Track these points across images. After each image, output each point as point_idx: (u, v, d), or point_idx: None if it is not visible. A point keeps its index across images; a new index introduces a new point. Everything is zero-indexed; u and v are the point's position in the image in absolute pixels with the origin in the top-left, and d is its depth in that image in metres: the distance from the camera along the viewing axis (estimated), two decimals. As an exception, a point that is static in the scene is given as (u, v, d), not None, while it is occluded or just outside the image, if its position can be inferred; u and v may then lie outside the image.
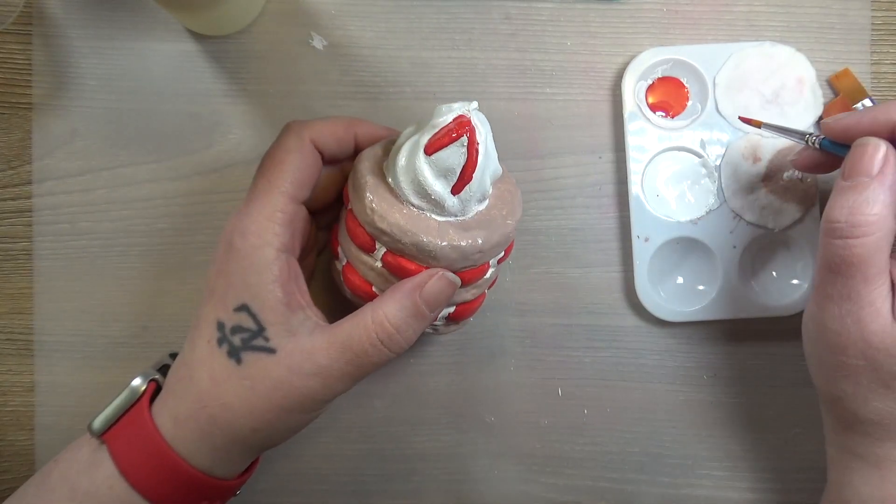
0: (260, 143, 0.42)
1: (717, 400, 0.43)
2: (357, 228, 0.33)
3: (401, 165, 0.32)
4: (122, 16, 0.42)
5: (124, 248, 0.43)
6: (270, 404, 0.32)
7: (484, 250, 0.33)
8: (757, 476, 0.44)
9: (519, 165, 0.43)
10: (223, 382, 0.33)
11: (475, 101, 0.32)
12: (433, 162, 0.31)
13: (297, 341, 0.32)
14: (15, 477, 0.43)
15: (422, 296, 0.32)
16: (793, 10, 0.43)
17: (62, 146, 0.42)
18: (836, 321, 0.32)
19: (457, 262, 0.33)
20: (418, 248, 0.32)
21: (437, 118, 0.31)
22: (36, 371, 0.43)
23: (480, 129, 0.31)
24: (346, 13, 0.43)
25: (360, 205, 0.33)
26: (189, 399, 0.33)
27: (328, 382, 0.32)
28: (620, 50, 0.43)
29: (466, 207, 0.33)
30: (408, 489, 0.43)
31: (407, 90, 0.43)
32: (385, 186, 0.33)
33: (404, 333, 0.33)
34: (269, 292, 0.33)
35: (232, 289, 0.33)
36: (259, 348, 0.32)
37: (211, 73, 0.42)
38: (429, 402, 0.43)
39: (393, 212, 0.32)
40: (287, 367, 0.32)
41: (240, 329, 0.33)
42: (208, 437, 0.33)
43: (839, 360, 0.33)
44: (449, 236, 0.32)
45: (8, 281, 0.43)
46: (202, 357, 0.33)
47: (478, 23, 0.43)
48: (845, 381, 0.33)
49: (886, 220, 0.31)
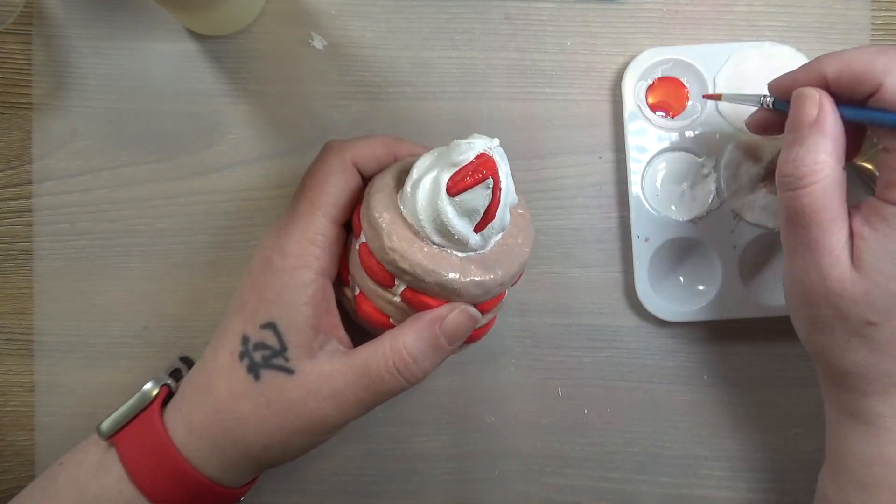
0: (260, 143, 0.42)
1: (717, 400, 0.43)
2: (375, 265, 0.32)
3: (422, 205, 0.31)
4: (122, 16, 0.42)
5: (124, 248, 0.43)
6: (283, 424, 0.32)
7: (504, 283, 0.33)
8: (757, 476, 0.44)
9: (519, 165, 0.43)
10: (240, 397, 0.33)
11: (496, 139, 0.31)
12: (457, 203, 0.30)
13: (316, 364, 0.33)
14: (15, 477, 0.43)
15: (442, 329, 0.32)
16: (793, 10, 0.43)
17: (62, 146, 0.42)
18: (802, 272, 0.33)
19: (479, 297, 0.32)
20: (441, 287, 0.31)
21: (458, 156, 0.30)
22: (36, 371, 0.43)
23: (503, 167, 0.31)
24: (346, 13, 0.43)
25: (377, 242, 0.32)
26: (205, 408, 0.33)
27: (343, 407, 0.32)
28: (620, 50, 0.43)
29: (488, 242, 0.33)
30: (408, 489, 0.43)
31: (407, 90, 0.43)
32: (402, 222, 0.32)
33: (421, 364, 0.32)
34: (300, 314, 0.33)
35: (263, 305, 0.33)
36: (278, 367, 0.33)
37: (211, 73, 0.42)
38: (429, 402, 0.43)
39: (414, 251, 0.31)
40: (304, 388, 0.32)
41: (262, 346, 0.33)
42: (220, 448, 0.33)
43: (813, 313, 0.33)
44: (472, 272, 0.31)
45: (8, 281, 0.43)
46: (223, 368, 0.34)
47: (478, 23, 0.43)
48: (823, 335, 0.33)
49: (830, 167, 0.31)
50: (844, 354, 0.33)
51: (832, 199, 0.32)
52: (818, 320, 0.33)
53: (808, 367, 0.43)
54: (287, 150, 0.43)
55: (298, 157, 0.42)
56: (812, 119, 0.32)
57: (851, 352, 0.32)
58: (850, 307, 0.31)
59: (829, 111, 0.32)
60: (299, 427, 0.33)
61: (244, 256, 0.43)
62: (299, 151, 0.42)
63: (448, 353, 0.33)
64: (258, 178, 0.42)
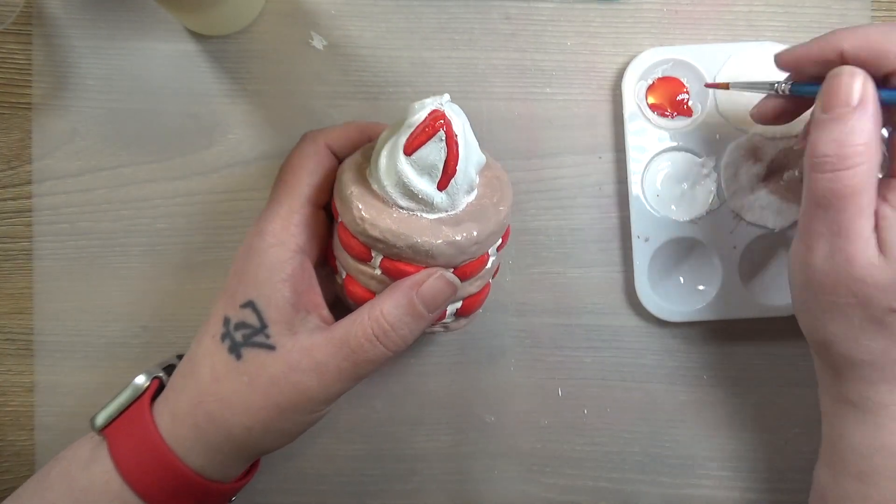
0: (260, 143, 0.42)
1: (717, 400, 0.43)
2: (350, 240, 0.33)
3: (383, 170, 0.32)
4: (122, 16, 0.42)
5: (124, 248, 0.43)
6: (266, 401, 0.32)
7: (480, 241, 0.32)
8: (757, 476, 0.43)
9: (519, 165, 0.43)
10: (222, 378, 0.33)
11: (447, 94, 0.31)
12: (414, 161, 0.31)
13: (297, 339, 0.33)
14: (15, 477, 0.43)
15: (419, 294, 0.32)
16: (793, 10, 0.43)
17: (62, 146, 0.42)
18: (825, 260, 0.31)
19: (455, 257, 0.32)
20: (414, 250, 0.31)
21: (412, 117, 0.31)
22: (36, 371, 0.43)
23: (456, 120, 0.31)
24: (346, 13, 0.43)
25: (349, 216, 0.32)
26: (189, 394, 0.33)
27: (325, 380, 0.32)
28: (620, 50, 0.43)
29: (455, 201, 0.33)
30: (408, 489, 0.43)
31: (407, 90, 0.43)
32: (371, 193, 0.32)
33: (399, 331, 0.32)
34: (277, 291, 0.33)
35: (242, 286, 0.34)
36: (259, 345, 0.33)
37: (211, 73, 0.42)
38: (429, 402, 0.43)
39: (383, 217, 0.31)
40: (285, 363, 0.32)
41: (243, 325, 0.33)
42: (203, 434, 0.33)
43: (829, 300, 0.32)
44: (443, 233, 0.32)
45: (8, 281, 0.43)
46: (205, 352, 0.34)
47: (478, 23, 0.43)
48: (835, 323, 0.32)
49: (873, 150, 0.30)
50: (859, 342, 0.32)
51: (873, 182, 0.31)
52: (835, 308, 0.32)
53: (807, 367, 0.43)
54: (287, 150, 0.42)
55: (298, 157, 0.42)
56: (856, 98, 0.30)
57: (867, 339, 0.32)
58: (875, 294, 0.31)
59: (872, 91, 0.31)
60: (283, 404, 0.32)
61: (244, 256, 0.43)
62: (299, 151, 0.42)
63: (428, 320, 0.33)
64: (258, 178, 0.42)
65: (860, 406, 0.33)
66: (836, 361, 0.33)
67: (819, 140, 0.31)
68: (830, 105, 0.31)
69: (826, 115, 0.31)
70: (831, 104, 0.31)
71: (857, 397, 0.33)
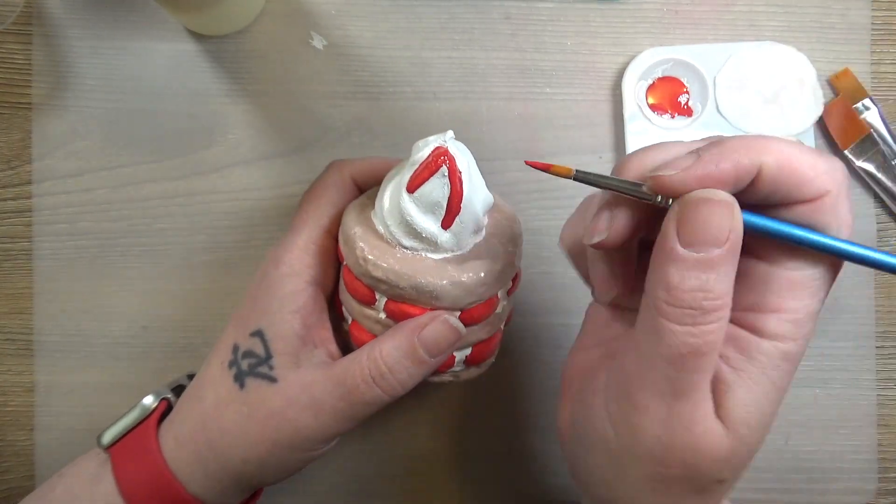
0: (260, 143, 0.42)
1: (718, 400, 0.43)
2: (354, 282, 0.32)
3: (386, 209, 0.31)
4: (122, 16, 0.42)
5: (124, 248, 0.43)
6: (263, 435, 0.32)
7: (488, 282, 0.31)
8: (757, 476, 0.43)
9: (519, 165, 0.43)
10: (225, 406, 0.32)
11: (450, 131, 0.31)
12: (417, 199, 0.30)
13: (299, 374, 0.32)
14: (15, 477, 0.43)
15: (420, 338, 0.31)
16: (793, 10, 0.43)
17: (62, 146, 0.42)
18: (661, 425, 0.25)
19: (461, 298, 0.31)
20: (418, 291, 0.30)
21: (415, 155, 0.30)
22: (36, 371, 0.43)
23: (460, 157, 0.30)
24: (346, 13, 0.43)
25: (352, 257, 0.31)
26: (193, 419, 0.33)
27: (319, 417, 0.31)
28: (620, 50, 0.43)
29: (462, 241, 0.31)
30: (408, 489, 0.43)
31: (407, 90, 0.43)
32: (375, 234, 0.32)
33: (398, 374, 0.31)
34: (286, 322, 0.32)
35: (254, 314, 0.33)
36: (262, 376, 0.32)
37: (211, 73, 0.42)
38: (429, 402, 0.43)
39: (386, 257, 0.30)
40: (285, 397, 0.32)
41: (250, 354, 0.32)
42: (202, 461, 0.32)
43: (654, 471, 0.25)
44: (448, 273, 0.30)
45: (8, 281, 0.43)
46: (213, 378, 0.33)
47: (478, 23, 0.43)
48: (654, 494, 0.26)
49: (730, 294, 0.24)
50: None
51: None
52: (657, 480, 0.26)
53: (807, 368, 0.43)
54: (287, 150, 0.43)
55: (298, 157, 0.42)
56: (726, 236, 0.23)
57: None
58: (710, 466, 0.25)
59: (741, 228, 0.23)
60: (278, 440, 0.32)
61: (244, 256, 0.43)
62: (299, 151, 0.42)
63: (429, 365, 0.32)
64: (258, 178, 0.42)
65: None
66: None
67: (679, 284, 0.23)
68: (695, 241, 0.23)
69: (687, 251, 0.23)
70: (696, 240, 0.23)
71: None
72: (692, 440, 0.24)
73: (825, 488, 0.43)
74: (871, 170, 0.42)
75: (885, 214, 0.43)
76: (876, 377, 0.43)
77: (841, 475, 0.43)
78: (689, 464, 0.25)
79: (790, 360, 0.25)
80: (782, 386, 0.26)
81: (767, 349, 0.25)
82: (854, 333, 0.43)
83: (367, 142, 0.42)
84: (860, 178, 0.43)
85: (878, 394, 0.43)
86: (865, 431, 0.43)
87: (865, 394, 0.43)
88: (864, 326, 0.43)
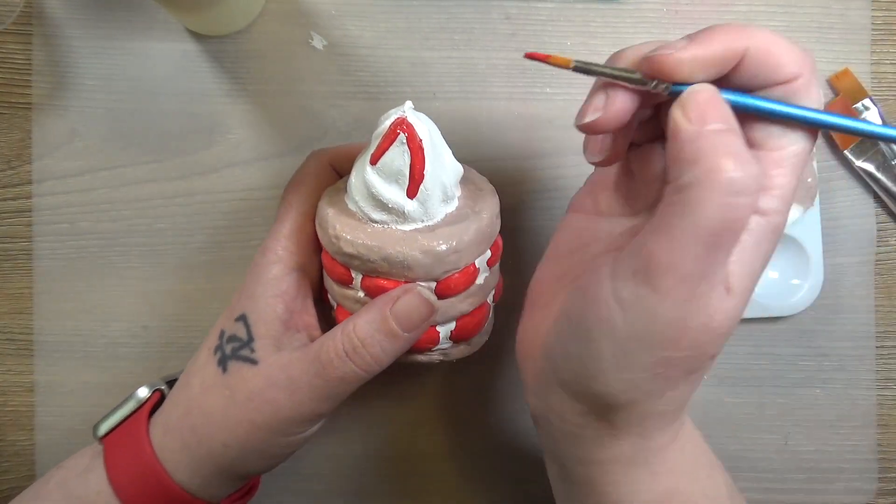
0: (260, 143, 0.42)
1: (717, 400, 0.43)
2: (331, 263, 0.33)
3: (353, 185, 0.32)
4: (122, 16, 0.42)
5: (124, 248, 0.43)
6: (242, 417, 0.32)
7: (459, 249, 0.31)
8: (757, 476, 0.43)
9: (519, 165, 0.43)
10: (209, 390, 0.33)
11: (409, 101, 0.31)
12: (380, 170, 0.30)
13: (280, 355, 0.32)
14: (15, 477, 0.43)
15: (392, 311, 0.31)
16: (793, 10, 0.43)
17: (62, 146, 0.42)
18: (678, 308, 0.25)
19: (434, 267, 0.31)
20: (389, 262, 0.31)
21: (378, 129, 0.31)
22: (36, 371, 0.43)
23: (420, 125, 0.30)
24: (346, 13, 0.43)
25: (326, 237, 0.32)
26: (180, 406, 0.33)
27: (296, 396, 0.32)
28: (620, 50, 0.43)
29: (430, 210, 0.31)
30: (408, 489, 0.43)
31: (407, 90, 0.43)
32: (347, 213, 0.32)
33: (371, 348, 0.31)
34: (269, 306, 0.33)
35: (239, 300, 0.34)
36: (244, 358, 0.32)
37: (211, 73, 0.42)
38: (429, 402, 0.43)
39: (357, 233, 0.31)
40: (264, 378, 0.32)
41: (234, 338, 0.33)
42: (188, 448, 0.33)
43: (663, 356, 0.25)
44: (418, 243, 0.31)
45: (8, 281, 0.43)
46: (199, 364, 0.34)
47: (478, 23, 0.43)
48: (654, 381, 0.26)
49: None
50: (664, 396, 0.27)
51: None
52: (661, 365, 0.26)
53: (808, 368, 0.43)
54: (287, 150, 0.43)
55: (298, 157, 0.42)
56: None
57: (673, 389, 0.27)
58: (715, 342, 0.26)
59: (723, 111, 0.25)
60: (256, 420, 0.32)
61: (243, 256, 0.43)
62: (299, 151, 0.42)
63: (404, 339, 0.31)
64: (258, 178, 0.42)
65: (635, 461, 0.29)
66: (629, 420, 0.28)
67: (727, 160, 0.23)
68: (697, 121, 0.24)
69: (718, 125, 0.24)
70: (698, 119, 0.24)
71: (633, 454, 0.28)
72: (706, 320, 0.25)
73: (825, 488, 0.43)
74: (871, 170, 0.42)
75: (885, 214, 0.43)
76: (875, 377, 0.43)
77: (841, 475, 0.43)
78: (699, 343, 0.25)
79: (776, 233, 0.26)
80: (769, 257, 0.27)
81: (760, 223, 0.26)
82: (854, 333, 0.43)
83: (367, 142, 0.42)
84: (860, 178, 0.43)
85: (878, 394, 0.43)
86: (865, 431, 0.43)
87: (865, 394, 0.43)
88: (863, 326, 0.43)
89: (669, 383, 0.27)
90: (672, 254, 0.24)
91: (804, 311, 0.42)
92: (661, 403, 0.27)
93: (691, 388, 0.28)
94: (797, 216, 0.41)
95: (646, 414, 0.27)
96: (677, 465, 0.29)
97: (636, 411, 0.27)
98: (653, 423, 0.28)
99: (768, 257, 0.26)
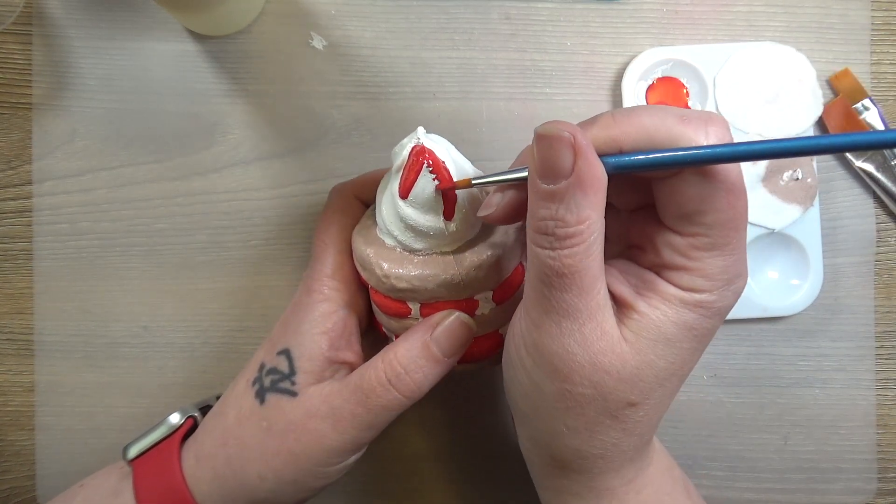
0: (260, 143, 0.42)
1: (717, 400, 0.43)
2: (384, 301, 0.33)
3: (388, 221, 0.31)
4: (122, 16, 0.42)
5: (124, 248, 0.43)
6: (281, 447, 0.32)
7: (507, 255, 0.32)
8: (757, 476, 0.44)
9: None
10: (245, 421, 0.33)
11: (420, 127, 0.31)
12: (413, 202, 0.30)
13: (319, 387, 0.32)
14: (15, 477, 0.43)
15: (434, 337, 0.31)
16: (793, 10, 0.43)
17: (62, 146, 0.42)
18: (556, 341, 0.26)
19: (489, 279, 0.32)
20: (448, 287, 0.31)
21: (396, 161, 0.31)
22: (36, 371, 0.43)
23: (438, 148, 0.30)
24: (346, 13, 0.43)
25: (374, 277, 0.32)
26: (215, 435, 0.33)
27: (339, 425, 0.32)
28: (620, 50, 0.43)
29: (469, 224, 0.32)
30: (408, 489, 0.43)
31: (407, 90, 0.43)
32: (387, 249, 0.32)
33: (413, 374, 0.31)
34: (314, 341, 0.33)
35: (283, 335, 0.34)
36: (283, 390, 0.32)
37: (211, 73, 0.42)
38: (429, 402, 0.43)
39: (406, 267, 0.31)
40: (304, 409, 0.32)
41: (274, 371, 0.33)
42: (219, 479, 0.33)
43: (562, 388, 0.27)
44: (468, 260, 0.31)
45: (8, 281, 0.43)
46: (236, 395, 0.34)
47: (478, 23, 0.43)
48: (568, 414, 0.27)
49: (596, 225, 0.25)
50: (593, 437, 0.28)
51: (596, 259, 0.26)
52: (567, 398, 0.27)
53: (807, 368, 0.43)
54: (287, 150, 0.43)
55: (298, 157, 0.42)
56: (569, 169, 0.25)
57: (602, 433, 0.28)
58: (616, 385, 0.27)
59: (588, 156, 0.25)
60: (296, 450, 0.32)
61: (244, 256, 0.43)
62: (299, 151, 0.42)
63: (444, 364, 0.32)
64: (258, 178, 0.42)
65: (583, 496, 0.30)
66: (562, 454, 0.29)
67: (535, 213, 0.26)
68: (545, 174, 0.25)
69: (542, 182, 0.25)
70: (545, 173, 0.25)
71: (580, 489, 0.30)
72: (591, 357, 0.26)
73: (825, 488, 0.43)
74: (870, 170, 0.42)
75: (884, 214, 0.43)
76: (875, 377, 0.43)
77: (840, 475, 0.43)
78: (594, 381, 0.26)
79: (706, 307, 0.27)
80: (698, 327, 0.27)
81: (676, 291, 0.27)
82: (853, 333, 0.43)
83: (367, 142, 0.43)
84: (860, 179, 0.43)
85: (877, 394, 0.43)
86: (864, 431, 0.43)
87: (864, 394, 0.43)
88: (863, 326, 0.43)
89: (590, 423, 0.27)
90: (528, 291, 0.27)
91: (804, 311, 0.42)
92: (593, 446, 0.28)
93: (624, 435, 0.28)
94: (797, 216, 0.42)
95: (580, 452, 0.28)
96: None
97: (565, 445, 0.28)
98: (592, 464, 0.29)
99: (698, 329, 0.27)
